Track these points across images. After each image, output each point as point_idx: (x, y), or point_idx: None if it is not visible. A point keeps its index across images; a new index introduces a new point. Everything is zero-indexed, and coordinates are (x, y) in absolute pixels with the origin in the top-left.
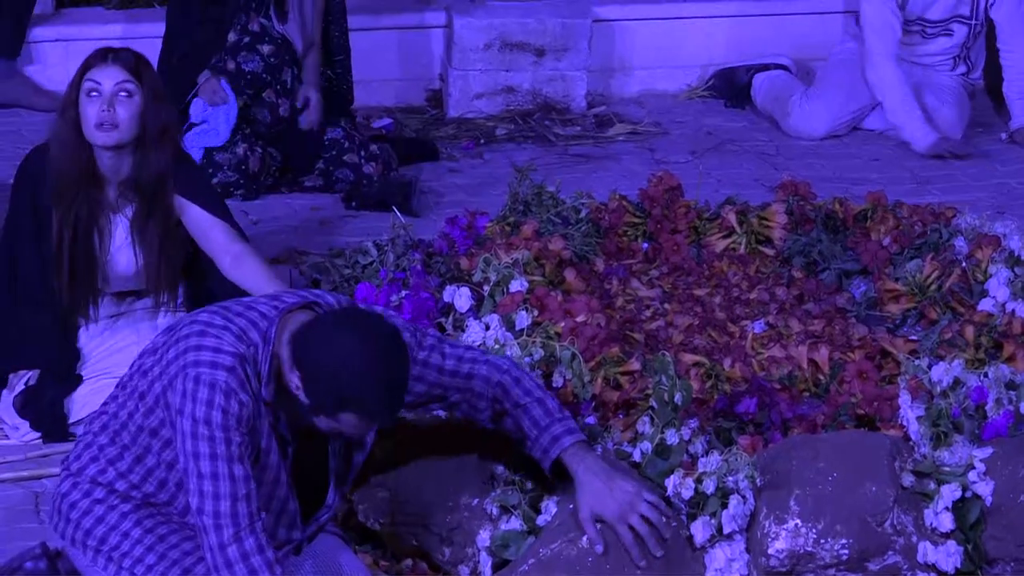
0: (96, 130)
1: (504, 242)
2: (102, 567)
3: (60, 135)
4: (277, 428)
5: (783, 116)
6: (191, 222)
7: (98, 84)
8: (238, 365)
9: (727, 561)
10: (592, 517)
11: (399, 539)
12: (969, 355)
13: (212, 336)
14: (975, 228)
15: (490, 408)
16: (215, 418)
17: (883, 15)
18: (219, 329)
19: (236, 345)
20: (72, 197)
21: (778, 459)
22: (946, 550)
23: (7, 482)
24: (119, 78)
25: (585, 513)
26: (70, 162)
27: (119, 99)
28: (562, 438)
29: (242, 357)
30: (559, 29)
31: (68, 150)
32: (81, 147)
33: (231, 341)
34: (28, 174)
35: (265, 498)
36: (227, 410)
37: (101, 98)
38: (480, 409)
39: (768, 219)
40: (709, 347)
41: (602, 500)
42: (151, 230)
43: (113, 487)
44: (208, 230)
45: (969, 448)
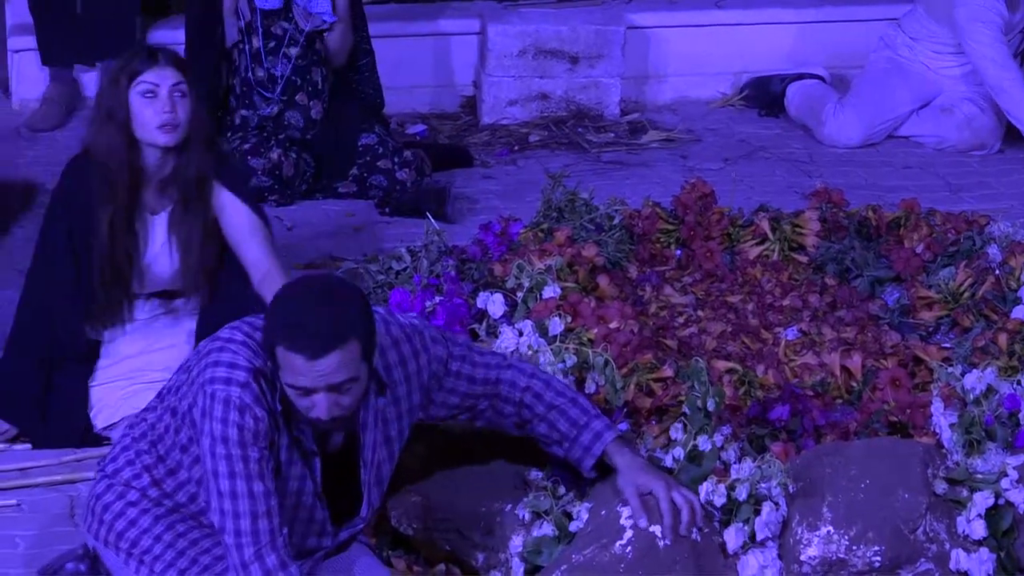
0: (159, 131)
1: (537, 248)
2: (133, 569)
3: (108, 138)
4: (300, 441)
5: (817, 125)
6: (229, 226)
7: (155, 86)
8: (252, 380)
9: (760, 568)
10: (637, 491)
11: (432, 544)
12: (1002, 363)
13: (230, 352)
14: (1008, 236)
15: (516, 414)
16: (231, 435)
17: (1001, 51)
18: (238, 345)
19: (252, 360)
20: (119, 199)
21: (811, 466)
22: (979, 558)
23: (42, 486)
24: (174, 79)
25: (631, 489)
26: (120, 164)
27: (176, 99)
28: (604, 433)
29: (258, 371)
30: (593, 36)
31: (118, 153)
32: (131, 149)
33: (247, 356)
34: (66, 186)
35: (289, 509)
36: (242, 426)
37: (159, 100)
38: (506, 415)
39: (801, 226)
40: (742, 354)
41: (648, 477)
42: (190, 229)
43: (146, 492)
44: (244, 240)
45: (1002, 456)
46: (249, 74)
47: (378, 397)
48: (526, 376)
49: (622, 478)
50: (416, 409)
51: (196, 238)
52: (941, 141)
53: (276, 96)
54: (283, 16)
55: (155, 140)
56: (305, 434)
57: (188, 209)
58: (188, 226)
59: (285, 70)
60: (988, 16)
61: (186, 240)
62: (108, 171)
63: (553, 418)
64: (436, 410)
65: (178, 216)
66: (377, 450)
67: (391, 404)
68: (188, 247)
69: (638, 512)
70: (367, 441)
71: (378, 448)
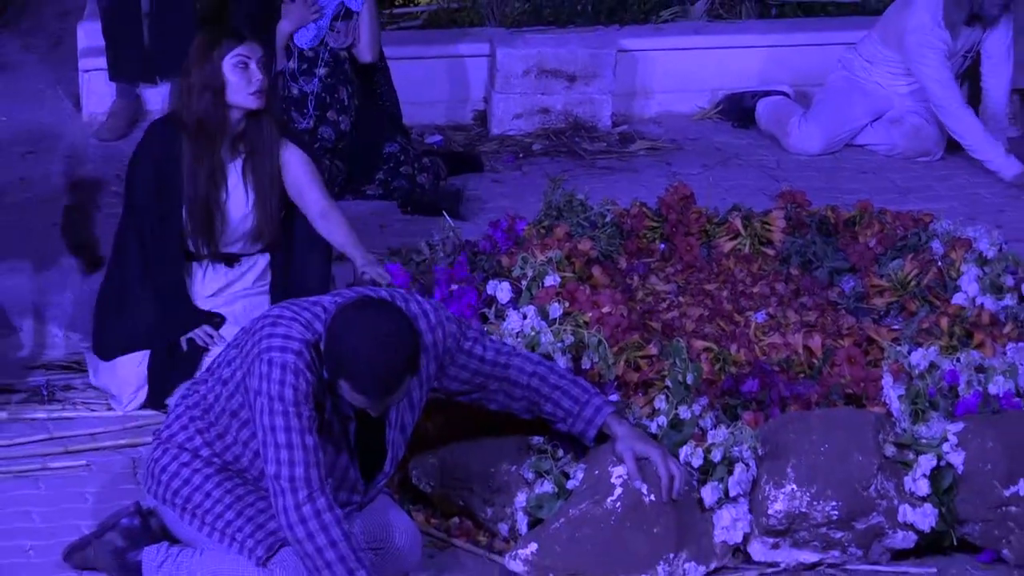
0: (252, 96)
1: (539, 243)
2: (188, 522)
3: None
4: (339, 407)
5: (783, 136)
6: (293, 175)
7: (247, 58)
8: (305, 350)
9: (732, 521)
10: (635, 456)
11: (447, 500)
12: (944, 342)
13: (283, 326)
14: (949, 232)
15: (525, 396)
16: (287, 395)
17: (945, 73)
18: (289, 320)
19: (303, 333)
20: (211, 152)
21: (777, 432)
22: (923, 512)
23: (108, 449)
24: (259, 53)
25: (629, 453)
26: (217, 124)
27: (262, 69)
28: (603, 407)
29: (308, 343)
30: (588, 58)
31: (215, 115)
32: (224, 108)
33: (299, 330)
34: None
35: (328, 466)
36: (296, 387)
37: (250, 70)
38: (516, 397)
39: (769, 224)
40: (717, 335)
41: (645, 444)
42: (260, 172)
43: (198, 453)
44: (306, 185)
45: (943, 423)
46: (286, 92)
47: None
48: (532, 363)
49: (621, 443)
50: (432, 378)
51: (264, 177)
52: (891, 149)
53: (310, 112)
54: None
55: (247, 104)
56: (343, 402)
57: (257, 158)
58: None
59: (315, 88)
60: (934, 43)
61: (256, 179)
62: (202, 131)
63: (557, 397)
64: (449, 383)
65: (249, 160)
66: (400, 413)
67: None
68: (259, 186)
69: (634, 474)
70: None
71: (402, 412)
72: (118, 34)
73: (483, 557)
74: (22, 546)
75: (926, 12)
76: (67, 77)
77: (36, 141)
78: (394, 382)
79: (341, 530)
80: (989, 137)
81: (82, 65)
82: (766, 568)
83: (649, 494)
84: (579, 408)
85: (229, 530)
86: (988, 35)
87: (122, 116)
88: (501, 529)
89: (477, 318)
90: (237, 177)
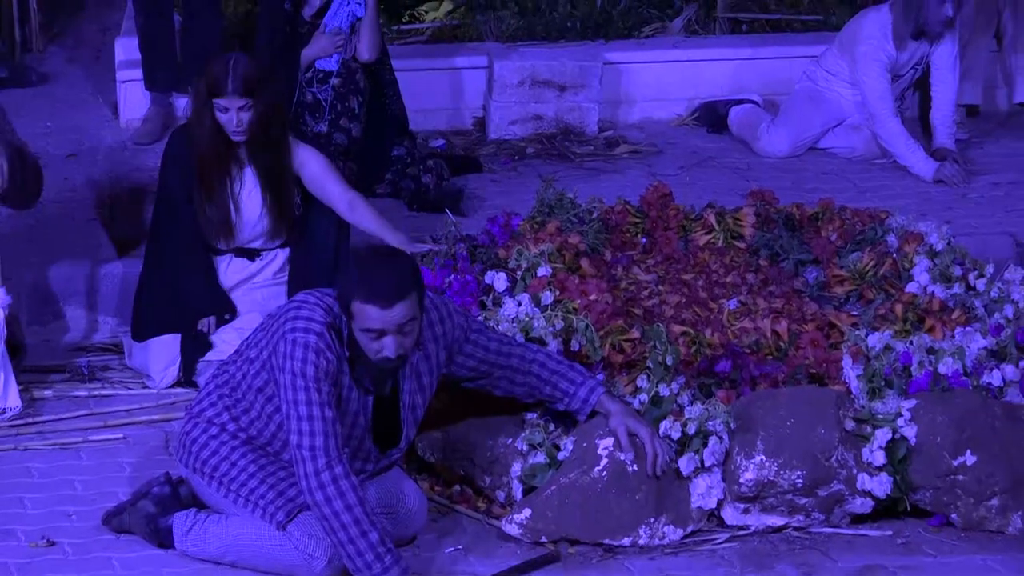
0: (234, 133)
1: (533, 237)
2: (215, 489)
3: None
4: (360, 381)
5: (754, 140)
6: (310, 175)
7: (227, 108)
8: (326, 332)
9: (707, 488)
10: (627, 431)
11: (450, 470)
12: (898, 327)
13: (306, 310)
14: (903, 227)
15: (526, 382)
16: (309, 372)
17: (884, 84)
18: (311, 306)
19: (324, 316)
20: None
21: (748, 408)
22: (879, 480)
23: (143, 423)
24: (239, 103)
25: (622, 428)
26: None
27: (242, 112)
28: (596, 388)
29: (329, 325)
30: (577, 70)
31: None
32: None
33: (320, 314)
34: (178, 144)
35: (345, 436)
36: (317, 365)
37: (229, 114)
38: (517, 383)
39: (740, 220)
40: (694, 320)
41: (636, 422)
42: (274, 176)
43: (225, 427)
44: (325, 182)
45: (898, 400)
46: (300, 98)
47: (414, 354)
48: (531, 352)
49: (615, 419)
50: (441, 365)
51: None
52: (851, 152)
53: (325, 118)
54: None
55: (232, 137)
56: (364, 377)
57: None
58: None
59: (328, 96)
60: (878, 55)
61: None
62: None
63: (556, 381)
64: (457, 369)
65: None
66: (412, 395)
67: (423, 360)
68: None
69: (627, 447)
70: (405, 387)
71: (413, 393)
72: (153, 49)
73: (482, 521)
74: (66, 511)
75: (876, 27)
76: (106, 87)
77: (78, 145)
78: (397, 289)
79: (356, 496)
80: (911, 143)
81: (119, 76)
82: (737, 531)
83: (632, 464)
84: (575, 389)
85: (252, 496)
86: (935, 49)
87: (156, 122)
88: (498, 496)
89: (476, 305)
90: (253, 181)
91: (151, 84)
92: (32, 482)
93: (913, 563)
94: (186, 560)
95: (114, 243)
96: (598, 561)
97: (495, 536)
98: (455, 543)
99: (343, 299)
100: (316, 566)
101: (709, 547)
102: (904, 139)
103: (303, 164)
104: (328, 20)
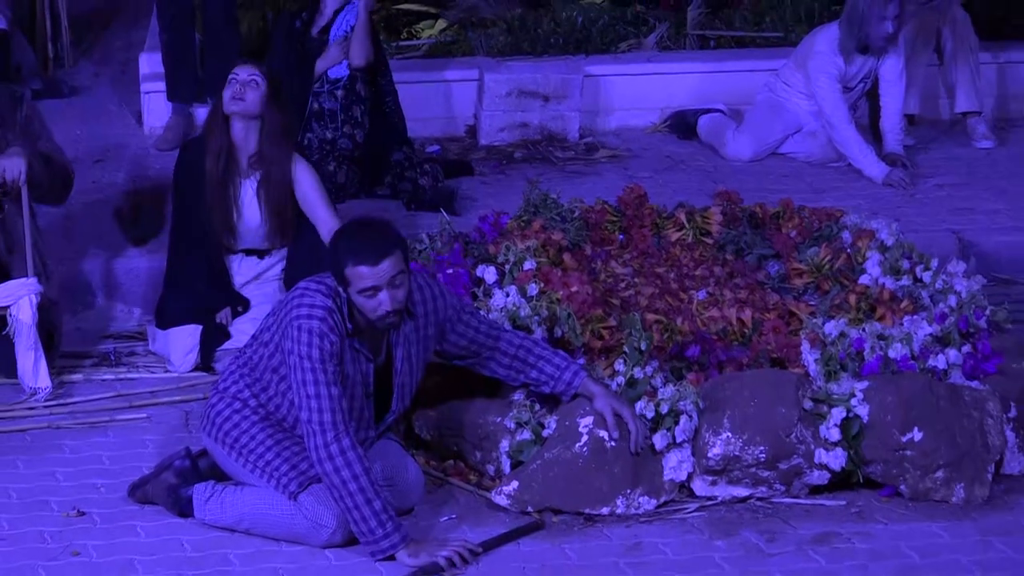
0: (231, 102)
1: (520, 234)
2: (234, 459)
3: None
4: (361, 352)
5: (720, 146)
6: (302, 194)
7: (236, 75)
8: (327, 316)
9: (679, 462)
10: (612, 411)
11: (443, 446)
12: (852, 315)
13: (308, 297)
14: (857, 225)
15: (511, 365)
16: (314, 354)
17: (836, 94)
18: (313, 292)
19: (325, 301)
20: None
21: (715, 389)
22: (835, 455)
23: (165, 404)
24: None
25: (608, 408)
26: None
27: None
28: (579, 372)
29: (330, 309)
30: (559, 82)
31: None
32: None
33: (321, 299)
34: (187, 156)
35: (347, 408)
36: (322, 348)
37: (234, 84)
38: (504, 364)
39: (708, 218)
40: (666, 309)
41: (620, 403)
42: (272, 188)
43: (247, 402)
44: (315, 204)
45: (852, 382)
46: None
47: (406, 323)
48: (519, 338)
49: (600, 400)
50: (432, 340)
51: (276, 193)
52: (808, 156)
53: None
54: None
55: (228, 110)
56: (364, 347)
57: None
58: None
59: (333, 105)
60: (828, 68)
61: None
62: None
63: (541, 365)
64: (449, 347)
65: (263, 179)
66: (404, 363)
67: (414, 332)
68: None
69: (612, 426)
70: (398, 355)
71: (405, 361)
72: (176, 63)
73: (473, 493)
74: (95, 484)
75: (826, 42)
76: (131, 98)
77: (106, 150)
78: (382, 247)
79: (362, 466)
80: (864, 148)
81: (143, 88)
82: (706, 501)
83: (610, 441)
84: (559, 373)
85: (268, 468)
86: (882, 62)
87: (177, 130)
88: (488, 470)
89: (469, 296)
90: (252, 193)
91: (173, 95)
92: (64, 457)
93: (866, 530)
94: (205, 528)
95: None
96: (579, 529)
97: (485, 506)
98: (449, 512)
99: (337, 270)
100: (323, 533)
101: (680, 516)
102: (858, 144)
103: (298, 181)
104: (334, 32)
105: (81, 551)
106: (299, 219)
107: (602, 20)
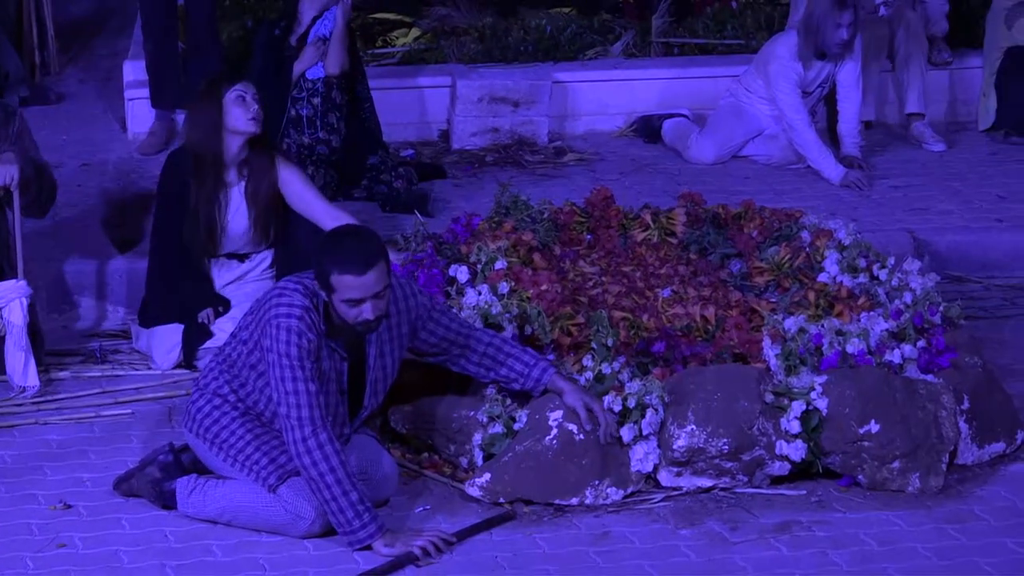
0: (251, 122)
1: (491, 234)
2: (215, 454)
3: (204, 134)
4: (336, 350)
5: (684, 149)
6: (294, 195)
7: (244, 93)
8: (305, 314)
9: (645, 454)
10: (584, 406)
11: (418, 439)
12: (811, 312)
13: (287, 296)
14: (815, 225)
15: (480, 363)
16: (292, 352)
17: (795, 98)
18: (291, 291)
19: (303, 300)
20: (206, 174)
21: (680, 383)
22: (795, 446)
23: (149, 400)
24: (253, 90)
25: (580, 403)
26: (214, 151)
27: (256, 101)
28: (548, 368)
29: (307, 308)
30: (529, 88)
31: (214, 142)
32: (221, 139)
33: (300, 299)
34: (173, 165)
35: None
36: (300, 346)
37: (247, 102)
38: (473, 361)
39: (673, 219)
40: (632, 306)
41: (589, 397)
42: (259, 196)
43: (226, 398)
44: (310, 201)
45: (811, 376)
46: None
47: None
48: (488, 336)
49: (570, 396)
50: (406, 338)
51: (262, 201)
52: (769, 159)
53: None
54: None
55: (247, 128)
56: (339, 346)
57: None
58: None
59: (309, 112)
60: (787, 73)
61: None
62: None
63: (510, 363)
64: (420, 344)
65: (249, 186)
66: (377, 360)
67: (387, 331)
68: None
69: (586, 420)
70: (370, 352)
71: (378, 359)
72: (159, 71)
73: (447, 484)
74: (81, 478)
75: (784, 48)
76: (115, 105)
77: (90, 155)
78: (368, 258)
79: (339, 459)
80: (824, 150)
81: (127, 95)
82: (671, 491)
83: (579, 434)
84: (528, 370)
85: (248, 462)
86: (840, 68)
87: (160, 135)
88: (462, 462)
89: (442, 294)
90: (240, 198)
91: (157, 102)
92: (51, 452)
93: (825, 518)
94: (188, 520)
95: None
96: (549, 519)
97: (459, 497)
98: (424, 504)
99: (322, 277)
100: (302, 524)
101: (646, 506)
102: (817, 147)
103: (286, 183)
104: (313, 32)
105: (67, 543)
106: (287, 220)
107: (570, 28)
